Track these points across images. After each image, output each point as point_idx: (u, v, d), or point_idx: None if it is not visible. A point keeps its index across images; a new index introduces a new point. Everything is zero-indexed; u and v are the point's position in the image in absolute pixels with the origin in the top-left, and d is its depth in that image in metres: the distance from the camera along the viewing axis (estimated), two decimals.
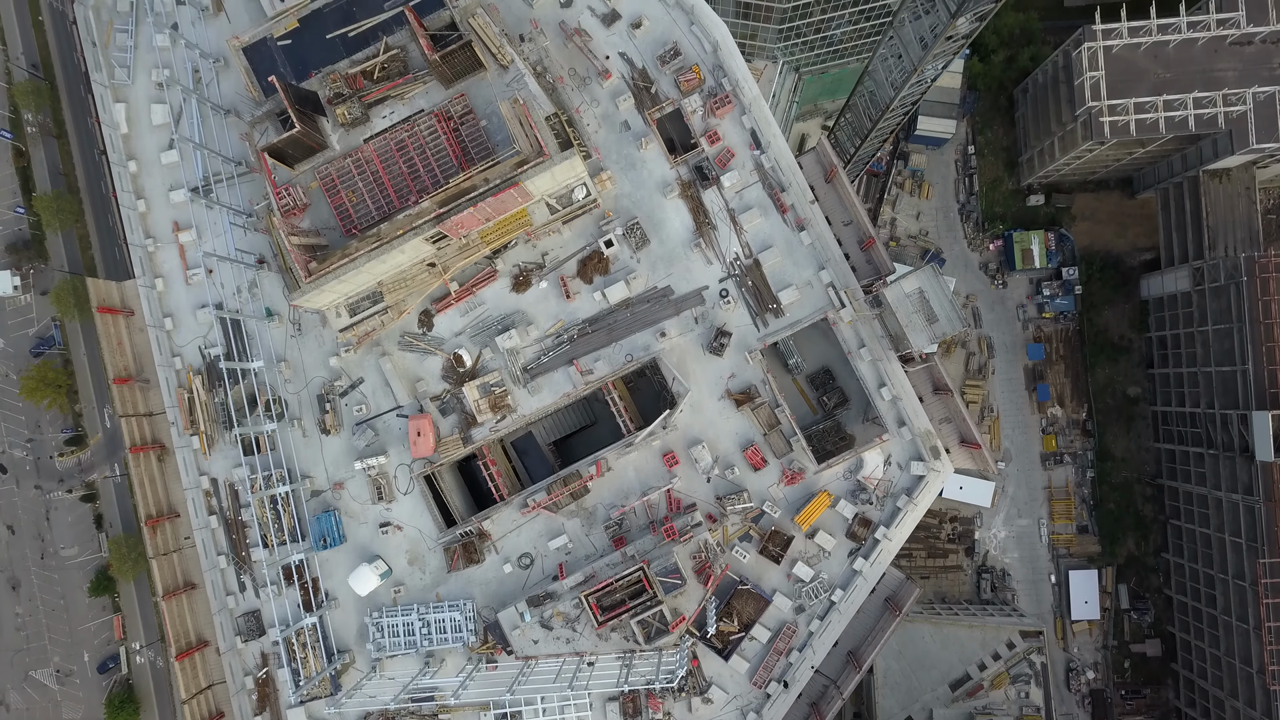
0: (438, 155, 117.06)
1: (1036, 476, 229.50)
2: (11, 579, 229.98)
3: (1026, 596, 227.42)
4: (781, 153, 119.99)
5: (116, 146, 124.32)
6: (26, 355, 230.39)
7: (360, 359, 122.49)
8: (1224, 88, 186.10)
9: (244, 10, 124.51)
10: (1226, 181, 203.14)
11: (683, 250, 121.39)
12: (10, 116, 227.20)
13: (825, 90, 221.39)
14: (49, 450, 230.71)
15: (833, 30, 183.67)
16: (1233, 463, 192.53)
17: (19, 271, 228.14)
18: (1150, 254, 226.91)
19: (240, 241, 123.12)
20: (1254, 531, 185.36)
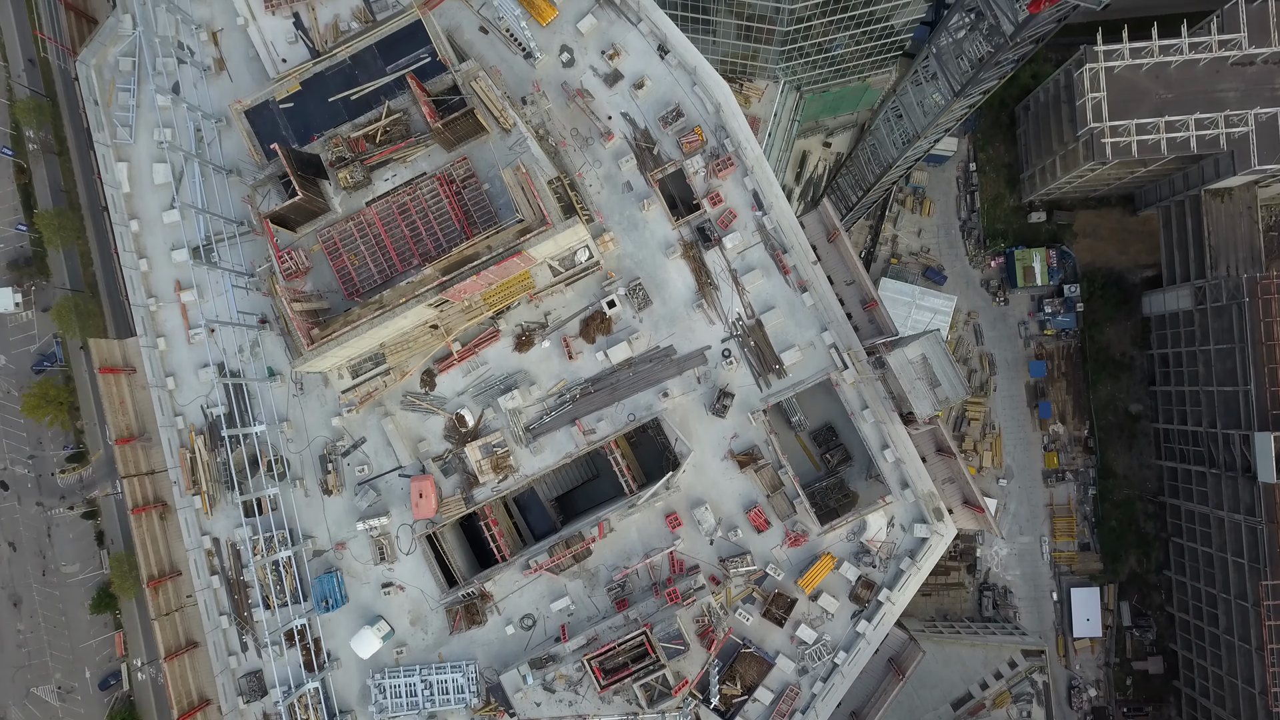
0: (440, 219, 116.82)
1: (1038, 493, 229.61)
2: (13, 595, 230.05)
3: (1028, 614, 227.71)
4: (784, 214, 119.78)
5: (119, 206, 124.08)
6: (28, 372, 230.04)
7: (362, 419, 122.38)
8: (1226, 108, 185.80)
9: (246, 70, 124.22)
10: (1228, 200, 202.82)
11: (685, 310, 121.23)
12: (11, 133, 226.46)
13: (827, 107, 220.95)
14: (50, 467, 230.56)
15: (835, 49, 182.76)
16: (1234, 483, 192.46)
17: (20, 288, 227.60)
18: (1152, 271, 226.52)
19: (242, 301, 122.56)
20: (1256, 552, 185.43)
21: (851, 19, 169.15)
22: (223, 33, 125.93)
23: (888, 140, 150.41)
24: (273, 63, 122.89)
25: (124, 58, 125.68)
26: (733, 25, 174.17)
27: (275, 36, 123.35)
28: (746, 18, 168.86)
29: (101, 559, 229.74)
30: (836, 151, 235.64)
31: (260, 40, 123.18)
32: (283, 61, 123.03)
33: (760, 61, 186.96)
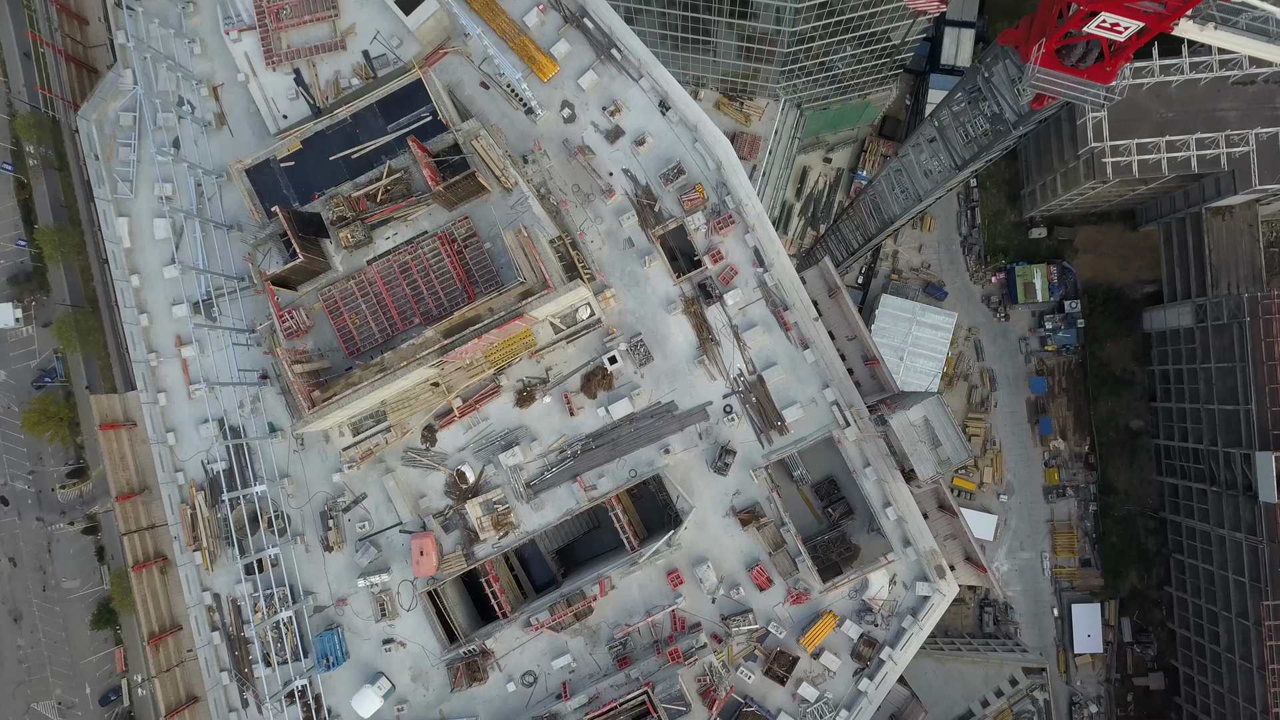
0: (441, 278, 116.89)
1: (1039, 510, 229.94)
2: (14, 611, 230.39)
3: (1029, 630, 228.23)
4: (785, 271, 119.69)
5: (119, 262, 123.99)
6: (28, 387, 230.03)
7: (363, 475, 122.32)
8: (1227, 128, 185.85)
9: (247, 124, 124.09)
10: (1229, 218, 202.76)
11: (686, 366, 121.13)
12: (12, 149, 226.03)
13: (828, 124, 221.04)
14: (51, 482, 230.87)
15: (835, 66, 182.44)
16: (1236, 501, 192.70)
17: (21, 303, 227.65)
18: (1153, 286, 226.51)
19: (243, 358, 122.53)
20: (1258, 571, 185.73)
21: (852, 36, 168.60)
22: (224, 87, 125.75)
23: (889, 196, 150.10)
24: (274, 119, 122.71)
25: (125, 113, 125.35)
26: (733, 44, 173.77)
27: (276, 93, 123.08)
28: (747, 37, 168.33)
29: (102, 574, 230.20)
30: (837, 167, 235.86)
31: (261, 96, 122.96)
32: (284, 117, 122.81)
33: (761, 80, 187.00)
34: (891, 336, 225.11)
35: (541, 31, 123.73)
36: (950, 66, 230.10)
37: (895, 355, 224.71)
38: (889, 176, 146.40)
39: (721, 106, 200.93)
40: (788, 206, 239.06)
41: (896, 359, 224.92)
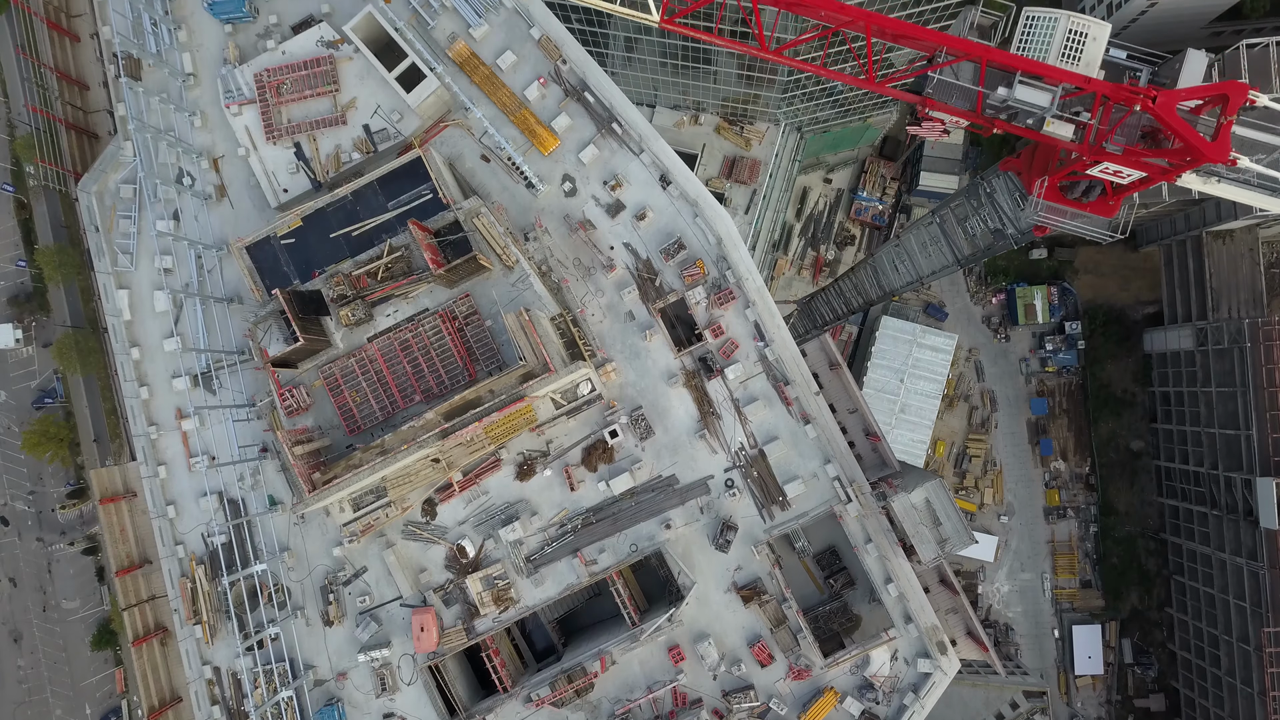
0: (442, 355, 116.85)
1: (1039, 530, 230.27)
2: (14, 631, 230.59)
3: (1030, 651, 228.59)
4: (785, 346, 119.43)
5: (120, 335, 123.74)
6: (28, 408, 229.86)
7: (364, 548, 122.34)
8: None
9: (247, 197, 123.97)
10: (1229, 242, 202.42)
11: (688, 439, 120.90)
12: (12, 169, 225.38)
13: (828, 145, 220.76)
14: (51, 503, 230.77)
15: (836, 89, 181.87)
16: (1236, 526, 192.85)
17: (21, 324, 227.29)
18: (1153, 307, 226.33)
19: (243, 433, 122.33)
20: (1259, 597, 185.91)
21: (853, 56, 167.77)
22: (224, 159, 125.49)
23: (890, 271, 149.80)
24: (274, 193, 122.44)
25: (125, 185, 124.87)
26: (734, 68, 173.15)
27: (277, 166, 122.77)
28: (748, 63, 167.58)
29: (102, 595, 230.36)
30: (837, 188, 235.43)
31: (261, 170, 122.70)
32: (284, 191, 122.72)
33: (761, 105, 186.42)
34: (892, 358, 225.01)
35: (542, 105, 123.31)
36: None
37: (896, 377, 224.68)
38: (890, 252, 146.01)
39: (721, 131, 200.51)
40: (788, 227, 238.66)
41: (897, 381, 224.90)
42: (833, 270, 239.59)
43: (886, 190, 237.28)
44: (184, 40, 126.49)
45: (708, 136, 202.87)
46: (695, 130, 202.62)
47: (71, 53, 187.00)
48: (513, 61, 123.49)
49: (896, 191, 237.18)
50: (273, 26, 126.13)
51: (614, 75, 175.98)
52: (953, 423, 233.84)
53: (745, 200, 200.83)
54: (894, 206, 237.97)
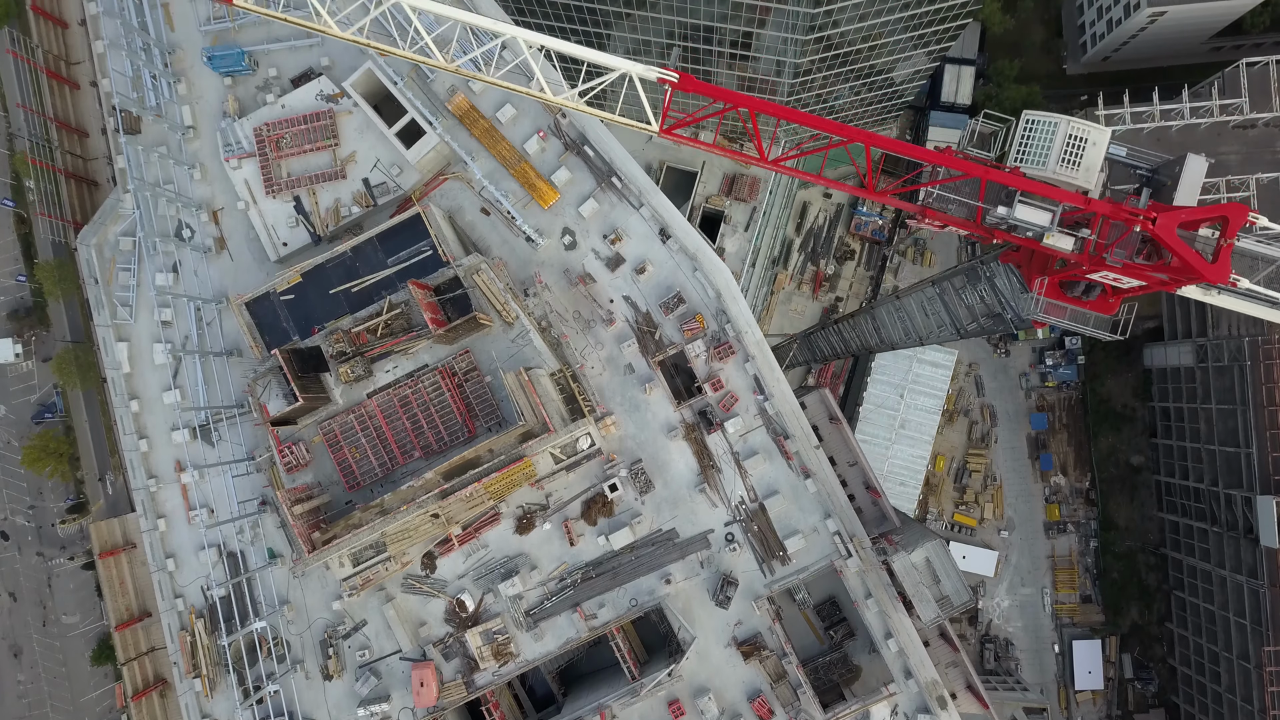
0: (442, 411, 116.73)
1: (1040, 545, 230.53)
2: (14, 646, 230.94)
3: (1030, 666, 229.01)
4: (785, 399, 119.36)
5: (119, 388, 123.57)
6: (28, 422, 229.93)
7: (363, 602, 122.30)
8: (1227, 170, 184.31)
9: (247, 249, 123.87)
10: None
11: (687, 493, 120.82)
12: (12, 184, 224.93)
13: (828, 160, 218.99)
14: (51, 517, 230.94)
15: (836, 100, 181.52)
16: (1237, 543, 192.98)
17: (21, 339, 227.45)
18: (1153, 322, 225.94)
19: (242, 484, 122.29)
20: (1259, 615, 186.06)
21: (853, 71, 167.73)
22: (224, 211, 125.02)
23: (889, 325, 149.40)
24: (274, 246, 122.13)
25: (124, 237, 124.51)
26: (734, 83, 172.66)
27: (276, 220, 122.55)
28: (749, 77, 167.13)
29: (102, 610, 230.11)
30: (837, 202, 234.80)
31: (261, 224, 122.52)
32: (284, 245, 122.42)
33: (759, 123, 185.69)
34: (891, 374, 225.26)
35: (542, 158, 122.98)
36: (950, 104, 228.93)
37: (895, 393, 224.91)
38: (891, 311, 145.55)
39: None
40: (788, 242, 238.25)
41: (897, 396, 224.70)
42: (832, 285, 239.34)
43: (886, 205, 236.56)
44: (183, 93, 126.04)
45: (707, 154, 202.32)
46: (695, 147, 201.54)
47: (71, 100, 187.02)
48: (512, 115, 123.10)
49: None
50: (272, 79, 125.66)
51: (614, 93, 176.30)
52: (953, 437, 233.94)
53: (745, 218, 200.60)
54: (894, 221, 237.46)
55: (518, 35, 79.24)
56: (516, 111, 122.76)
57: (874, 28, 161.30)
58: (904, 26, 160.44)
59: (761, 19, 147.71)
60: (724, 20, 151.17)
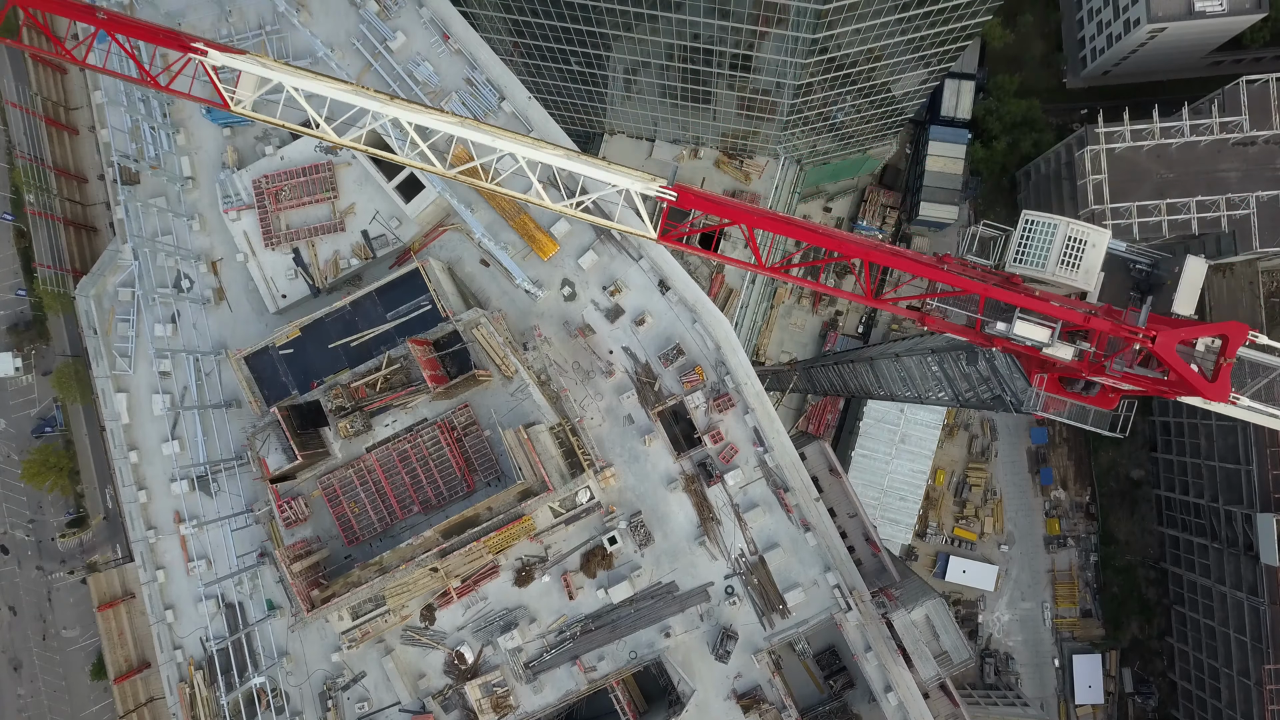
0: (441, 466, 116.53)
1: (1040, 560, 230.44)
2: (13, 660, 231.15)
3: (1030, 680, 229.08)
4: (785, 452, 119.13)
5: (118, 440, 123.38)
6: (28, 436, 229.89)
7: (362, 653, 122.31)
8: (1227, 188, 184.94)
9: (246, 300, 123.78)
10: (1230, 275, 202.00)
11: (687, 545, 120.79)
12: (11, 198, 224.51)
13: (828, 175, 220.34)
14: (51, 531, 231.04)
15: (836, 116, 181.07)
16: (1237, 559, 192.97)
17: (20, 352, 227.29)
18: None
19: (241, 537, 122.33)
20: (1259, 632, 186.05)
21: (853, 86, 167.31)
22: (222, 261, 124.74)
23: (888, 377, 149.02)
24: (273, 298, 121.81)
25: (123, 288, 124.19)
26: (734, 102, 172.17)
27: (275, 272, 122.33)
28: (749, 97, 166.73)
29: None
30: (837, 217, 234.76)
31: (260, 275, 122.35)
32: (283, 296, 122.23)
33: (761, 139, 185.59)
34: None
35: (541, 210, 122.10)
36: (950, 118, 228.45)
37: (896, 407, 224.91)
38: (891, 366, 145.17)
39: (721, 165, 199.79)
40: (786, 257, 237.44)
41: (897, 410, 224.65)
42: (832, 299, 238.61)
43: (886, 220, 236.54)
44: (182, 144, 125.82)
45: (707, 170, 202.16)
46: (695, 164, 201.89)
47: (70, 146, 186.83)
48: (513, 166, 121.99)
49: (896, 220, 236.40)
50: (271, 130, 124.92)
51: (614, 111, 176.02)
52: (953, 451, 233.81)
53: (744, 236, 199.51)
54: (894, 235, 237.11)
55: (516, 151, 78.54)
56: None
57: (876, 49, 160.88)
58: (907, 47, 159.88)
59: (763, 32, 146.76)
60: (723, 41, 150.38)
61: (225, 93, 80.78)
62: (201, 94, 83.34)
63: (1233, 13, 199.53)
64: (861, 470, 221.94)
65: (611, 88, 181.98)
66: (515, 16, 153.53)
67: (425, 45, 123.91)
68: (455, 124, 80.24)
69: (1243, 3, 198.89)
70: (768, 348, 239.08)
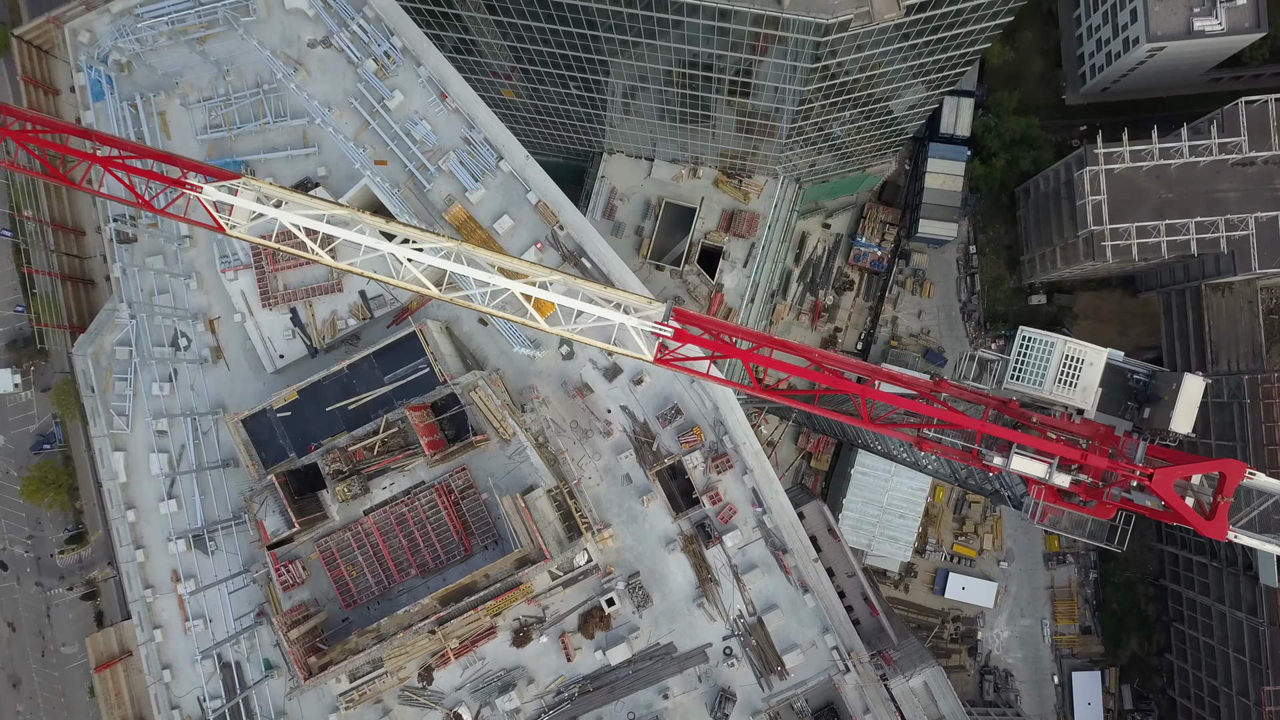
0: (438, 530, 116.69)
1: (1039, 576, 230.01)
2: (12, 676, 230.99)
3: (1029, 697, 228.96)
4: (783, 512, 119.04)
5: (116, 499, 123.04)
6: (27, 452, 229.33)
7: (360, 714, 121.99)
8: (1226, 208, 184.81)
9: (244, 359, 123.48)
10: (1229, 295, 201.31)
11: (685, 606, 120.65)
12: (11, 215, 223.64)
13: (827, 192, 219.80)
14: (50, 548, 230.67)
15: (835, 131, 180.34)
16: (1236, 579, 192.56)
17: (19, 369, 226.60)
18: (1153, 352, 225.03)
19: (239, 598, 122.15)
20: (1259, 652, 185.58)
21: (854, 106, 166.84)
22: (220, 320, 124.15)
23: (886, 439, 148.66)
24: (270, 358, 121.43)
25: (120, 347, 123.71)
26: (733, 122, 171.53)
27: (273, 331, 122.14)
28: (748, 116, 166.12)
29: None
30: (836, 233, 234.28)
31: (257, 335, 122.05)
32: (280, 356, 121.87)
33: (760, 158, 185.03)
34: None
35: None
36: (949, 135, 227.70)
37: None
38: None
39: (720, 184, 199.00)
40: (787, 272, 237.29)
41: None
42: (831, 315, 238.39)
43: (885, 236, 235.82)
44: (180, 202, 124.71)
45: (706, 190, 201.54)
46: (694, 183, 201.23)
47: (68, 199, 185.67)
48: (510, 226, 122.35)
49: (895, 237, 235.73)
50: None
51: (613, 131, 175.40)
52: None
53: (744, 254, 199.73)
54: (893, 252, 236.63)
55: (513, 289, 78.12)
56: (514, 222, 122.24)
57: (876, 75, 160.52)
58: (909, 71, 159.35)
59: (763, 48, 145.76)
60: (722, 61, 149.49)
61: (220, 220, 79.98)
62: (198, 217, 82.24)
63: (1232, 32, 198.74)
64: (861, 487, 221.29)
65: (610, 108, 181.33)
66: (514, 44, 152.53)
67: (423, 104, 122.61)
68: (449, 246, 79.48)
69: (1242, 22, 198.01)
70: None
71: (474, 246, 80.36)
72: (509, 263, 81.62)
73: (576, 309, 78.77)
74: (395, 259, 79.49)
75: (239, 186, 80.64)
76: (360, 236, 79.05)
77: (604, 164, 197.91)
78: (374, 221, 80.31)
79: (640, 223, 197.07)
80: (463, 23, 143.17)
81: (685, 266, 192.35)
